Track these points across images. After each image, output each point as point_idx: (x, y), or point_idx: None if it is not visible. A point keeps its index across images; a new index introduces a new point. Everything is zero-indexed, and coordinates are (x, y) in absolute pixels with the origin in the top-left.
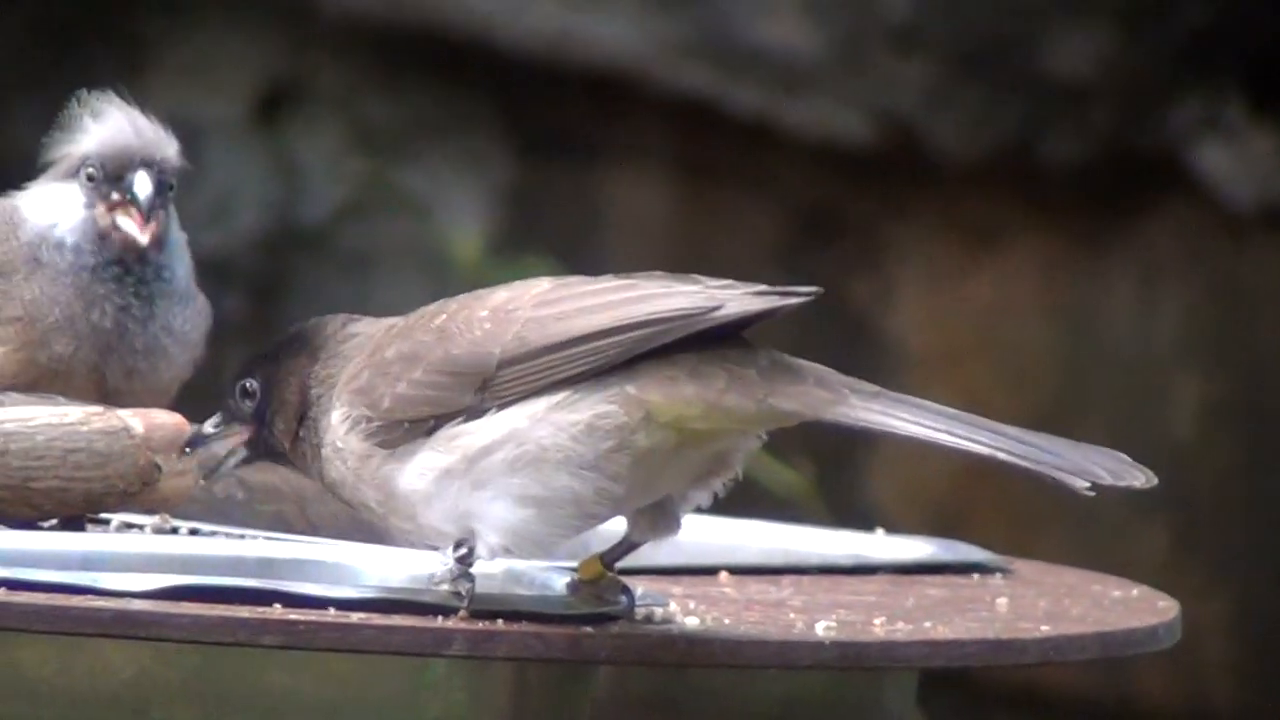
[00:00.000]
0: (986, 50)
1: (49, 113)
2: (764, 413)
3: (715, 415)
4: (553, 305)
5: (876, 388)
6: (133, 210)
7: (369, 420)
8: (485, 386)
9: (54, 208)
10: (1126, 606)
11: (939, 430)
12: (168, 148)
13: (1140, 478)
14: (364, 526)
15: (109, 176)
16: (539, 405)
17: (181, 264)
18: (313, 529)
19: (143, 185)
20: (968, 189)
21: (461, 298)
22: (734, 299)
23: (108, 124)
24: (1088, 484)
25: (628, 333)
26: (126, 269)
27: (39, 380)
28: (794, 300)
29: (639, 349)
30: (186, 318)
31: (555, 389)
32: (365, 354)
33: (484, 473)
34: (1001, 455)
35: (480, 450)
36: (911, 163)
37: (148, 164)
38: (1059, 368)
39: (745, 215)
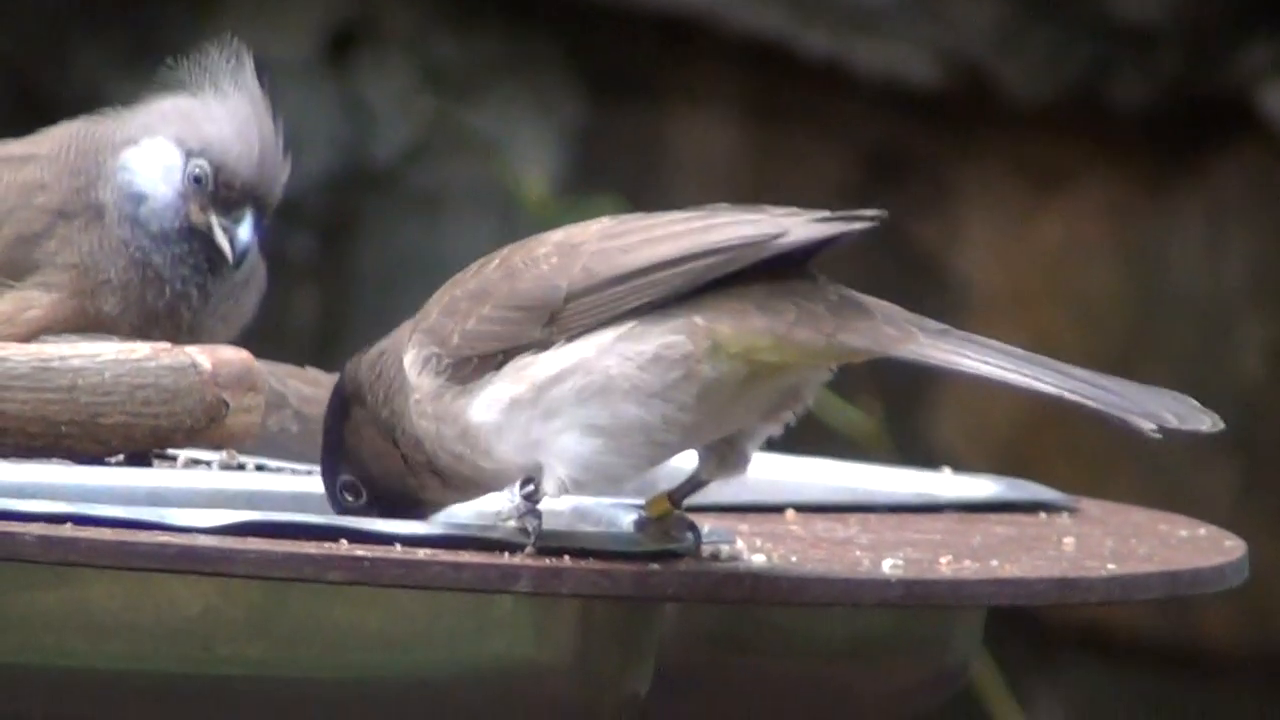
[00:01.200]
0: None
1: (113, 53)
2: (832, 347)
3: (784, 348)
4: (617, 238)
5: (944, 326)
6: (231, 236)
7: (439, 358)
8: (553, 320)
9: (148, 173)
10: (1193, 546)
11: (1007, 369)
12: (280, 180)
13: (1206, 421)
14: None
15: (216, 192)
16: (606, 336)
17: (250, 255)
18: None
19: (246, 230)
20: (1036, 131)
21: (531, 238)
22: (799, 225)
23: (233, 123)
24: (1154, 427)
25: (693, 261)
26: (195, 254)
27: (85, 333)
28: (859, 225)
29: (705, 278)
30: (240, 299)
31: (622, 320)
32: (434, 297)
33: (553, 402)
34: (1069, 396)
35: (549, 380)
36: (980, 104)
37: (259, 205)
38: (1126, 310)
39: (813, 157)
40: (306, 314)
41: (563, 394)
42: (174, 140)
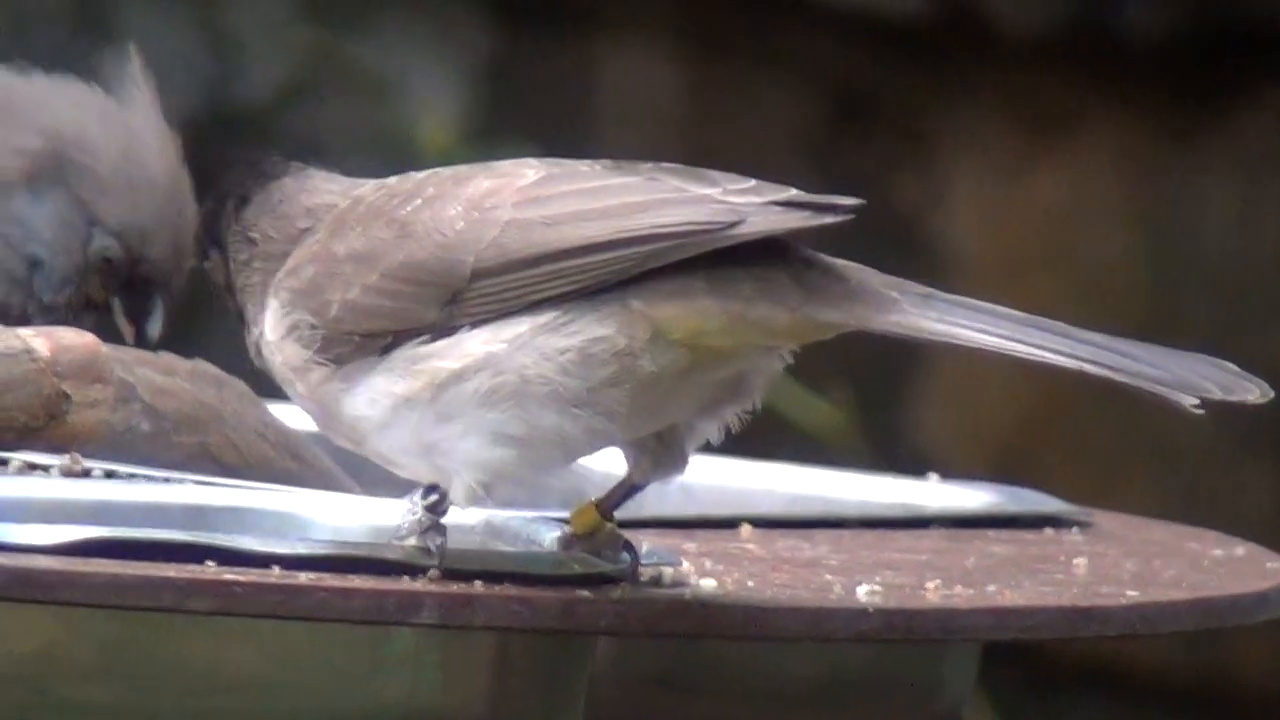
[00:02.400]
0: None
1: None
2: (799, 323)
3: (740, 328)
4: (541, 205)
5: (927, 289)
6: (139, 325)
7: (312, 328)
8: (455, 300)
9: (45, 235)
10: (1228, 568)
11: (1010, 338)
12: (190, 232)
13: (1254, 390)
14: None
15: (126, 277)
16: (521, 326)
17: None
18: (247, 467)
19: (156, 324)
20: (1032, 68)
21: (443, 176)
22: (757, 211)
23: (151, 196)
24: (1196, 400)
25: (629, 248)
26: (79, 318)
27: None
28: (830, 218)
29: (642, 267)
30: None
31: (542, 307)
32: (315, 238)
33: (452, 404)
34: (1090, 367)
35: (450, 377)
36: (966, 36)
37: (169, 289)
38: (1142, 280)
39: (767, 97)
40: None
41: (465, 395)
42: (76, 204)
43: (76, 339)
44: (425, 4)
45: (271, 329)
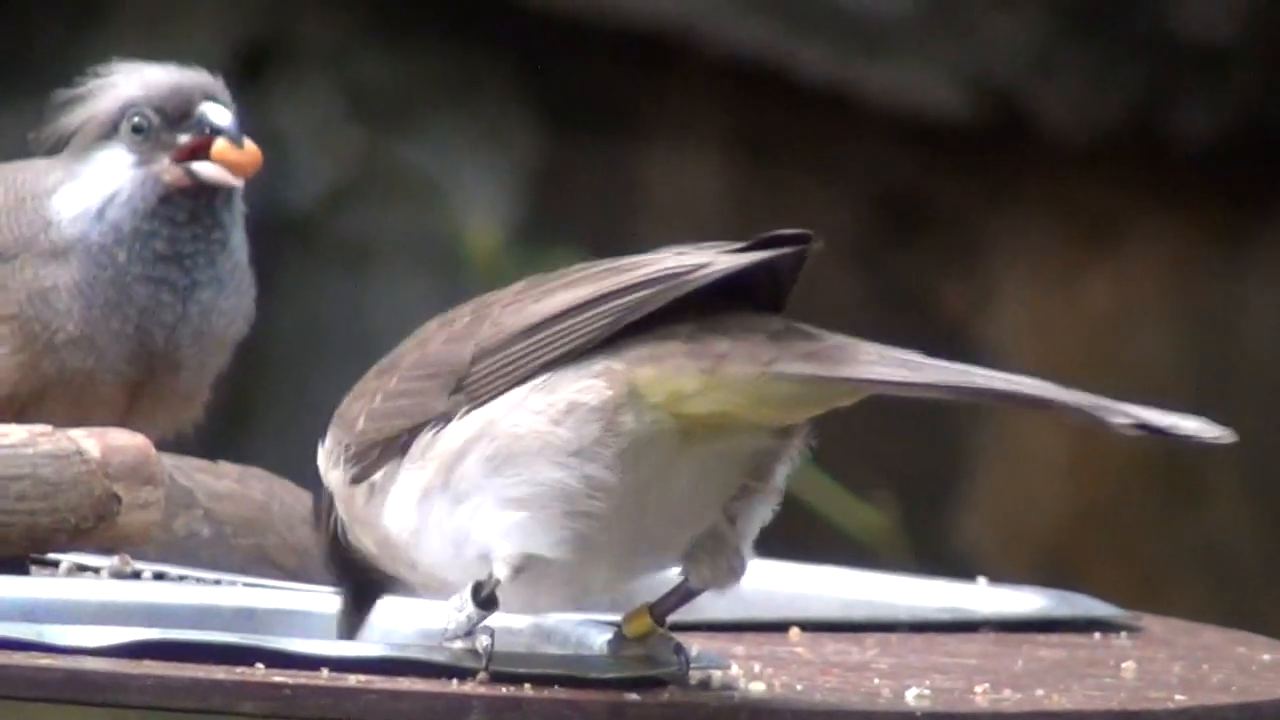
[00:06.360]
0: (1104, 4)
1: None
2: (771, 381)
3: (715, 390)
4: (534, 288)
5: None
6: (233, 146)
7: (346, 447)
8: (460, 387)
9: (90, 180)
10: (1277, 672)
11: (963, 380)
12: (219, 84)
13: (1215, 432)
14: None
15: (169, 121)
16: (516, 394)
17: (239, 231)
18: (303, 570)
19: (220, 114)
20: (1081, 171)
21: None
22: (724, 257)
23: (142, 72)
24: (1131, 422)
25: (607, 302)
26: (184, 236)
27: (46, 390)
28: (785, 249)
29: (624, 321)
30: (220, 309)
31: (533, 375)
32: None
33: (462, 483)
34: (1024, 391)
35: (454, 455)
36: (1014, 140)
37: (210, 97)
38: (1191, 385)
39: (814, 201)
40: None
41: (470, 468)
42: (83, 144)
43: (128, 440)
44: (474, 107)
45: (325, 466)
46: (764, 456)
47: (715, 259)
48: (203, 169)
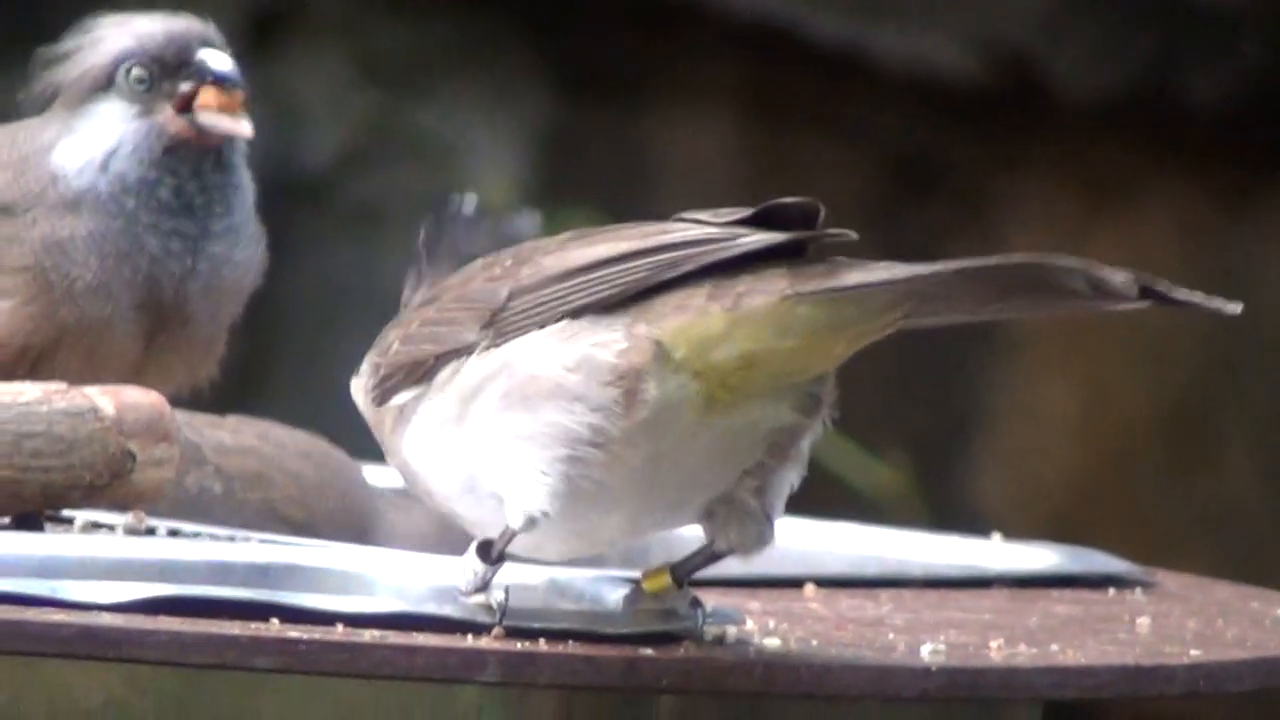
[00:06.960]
0: None
1: None
2: (792, 306)
3: (739, 327)
4: (580, 238)
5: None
6: (221, 91)
7: (377, 367)
8: (493, 320)
9: (91, 133)
10: None
11: (944, 268)
12: (213, 29)
13: (1220, 302)
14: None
15: (167, 70)
16: (538, 335)
17: (246, 179)
18: (313, 525)
19: (220, 60)
20: (1092, 134)
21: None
22: (758, 234)
23: (132, 23)
24: (1132, 278)
25: (645, 257)
26: (191, 187)
27: (60, 340)
28: (816, 234)
29: (659, 276)
30: (231, 263)
31: (559, 319)
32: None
33: (476, 416)
34: (1025, 259)
35: (471, 389)
36: (1025, 103)
37: (207, 43)
38: (1201, 350)
39: (825, 164)
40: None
41: (485, 403)
42: (78, 96)
43: (142, 397)
44: (486, 70)
45: (355, 387)
46: (784, 435)
47: (749, 232)
48: (208, 119)
